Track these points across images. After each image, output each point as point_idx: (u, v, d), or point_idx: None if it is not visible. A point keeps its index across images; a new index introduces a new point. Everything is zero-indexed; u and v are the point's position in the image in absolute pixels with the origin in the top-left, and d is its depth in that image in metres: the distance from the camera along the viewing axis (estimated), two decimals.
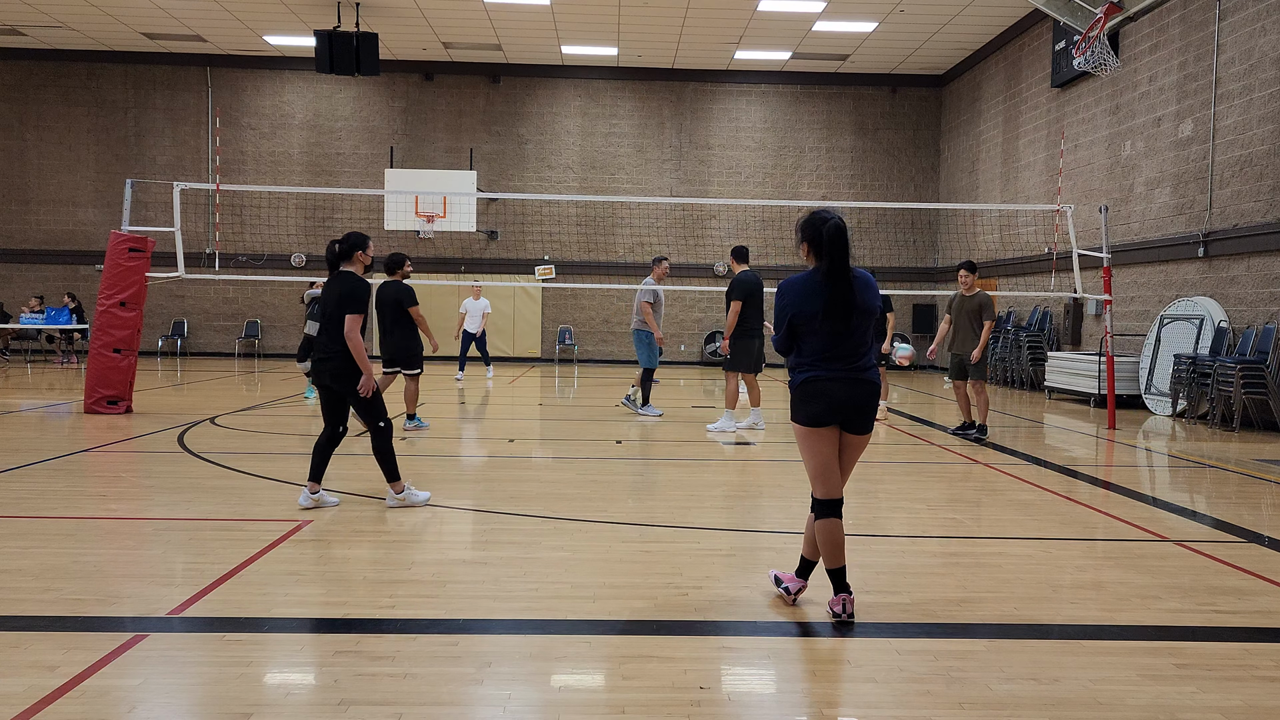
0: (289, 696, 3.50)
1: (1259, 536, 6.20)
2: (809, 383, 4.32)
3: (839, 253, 4.23)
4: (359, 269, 6.45)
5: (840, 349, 4.29)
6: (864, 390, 4.31)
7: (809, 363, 4.35)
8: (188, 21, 20.59)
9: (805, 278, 4.35)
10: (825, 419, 4.31)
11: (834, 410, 4.30)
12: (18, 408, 12.54)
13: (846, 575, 4.37)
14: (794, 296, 4.32)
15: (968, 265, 10.55)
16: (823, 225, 4.25)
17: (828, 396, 4.28)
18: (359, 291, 6.28)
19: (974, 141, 22.14)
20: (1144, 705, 3.49)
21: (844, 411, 4.30)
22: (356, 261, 6.43)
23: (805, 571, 4.60)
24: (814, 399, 4.31)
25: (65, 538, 5.64)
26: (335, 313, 6.26)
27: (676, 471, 8.26)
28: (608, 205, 23.47)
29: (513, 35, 21.17)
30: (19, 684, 3.47)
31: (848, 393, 4.28)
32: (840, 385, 4.28)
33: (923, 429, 11.72)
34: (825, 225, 4.24)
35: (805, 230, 4.35)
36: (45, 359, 22.01)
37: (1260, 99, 12.36)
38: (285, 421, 11.23)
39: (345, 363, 6.27)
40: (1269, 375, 11.59)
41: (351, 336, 6.21)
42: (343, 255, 6.41)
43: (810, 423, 4.33)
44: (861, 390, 4.30)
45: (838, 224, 4.24)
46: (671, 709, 3.39)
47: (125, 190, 12.40)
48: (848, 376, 4.28)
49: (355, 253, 6.43)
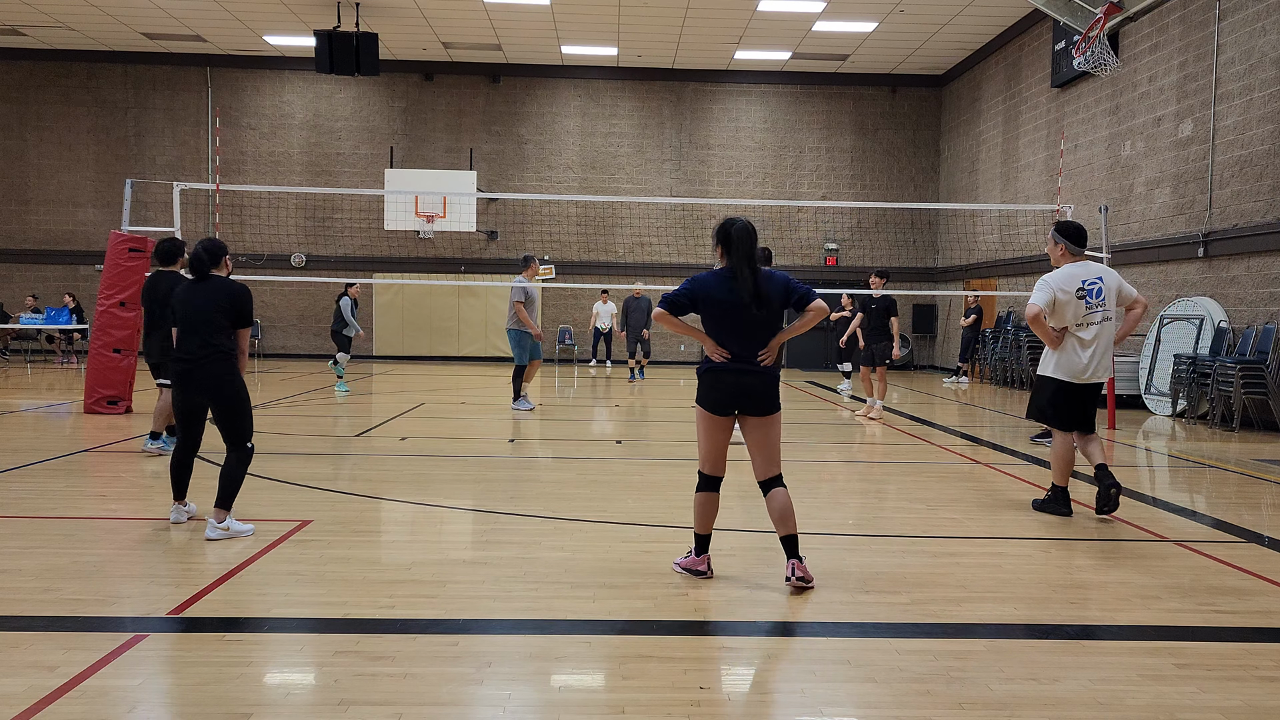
0: (289, 696, 3.50)
1: (1259, 536, 6.20)
2: (711, 373, 4.86)
3: (746, 248, 4.75)
4: (225, 272, 6.02)
5: (739, 340, 4.79)
6: (757, 379, 4.80)
7: None
8: (188, 21, 20.59)
9: (717, 272, 4.86)
10: (724, 407, 4.83)
11: (732, 398, 4.81)
12: (18, 408, 12.54)
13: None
14: (705, 285, 4.83)
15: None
16: (731, 227, 4.80)
17: (726, 386, 4.80)
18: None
19: (974, 141, 22.14)
20: (1144, 705, 3.49)
21: (740, 399, 4.81)
22: (224, 266, 6.02)
23: (703, 547, 5.04)
24: (714, 388, 4.83)
25: (65, 538, 5.64)
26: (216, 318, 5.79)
27: (676, 471, 8.25)
28: (607, 205, 23.46)
29: (513, 35, 21.17)
30: (19, 684, 3.47)
31: (743, 382, 4.79)
32: (736, 375, 4.80)
33: (923, 429, 11.72)
34: (734, 226, 4.79)
35: (718, 234, 4.85)
36: (45, 359, 22.01)
37: (1260, 99, 12.36)
38: (285, 421, 11.23)
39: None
40: (1269, 375, 11.59)
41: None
42: (213, 261, 5.93)
43: (711, 409, 4.85)
44: (754, 379, 4.80)
45: (744, 224, 4.80)
46: (671, 709, 3.39)
47: (125, 190, 12.41)
48: (742, 368, 4.79)
49: (222, 258, 6.00)
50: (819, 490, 7.81)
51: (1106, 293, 6.49)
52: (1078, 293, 6.45)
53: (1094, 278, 6.50)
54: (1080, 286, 6.46)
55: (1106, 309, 6.48)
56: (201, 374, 5.68)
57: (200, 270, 5.86)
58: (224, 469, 5.70)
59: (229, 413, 5.74)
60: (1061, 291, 6.46)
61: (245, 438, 5.77)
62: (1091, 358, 6.48)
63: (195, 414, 5.84)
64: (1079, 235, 6.59)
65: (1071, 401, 6.62)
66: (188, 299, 5.81)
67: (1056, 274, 6.58)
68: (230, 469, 5.70)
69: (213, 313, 5.73)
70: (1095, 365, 6.50)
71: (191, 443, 5.91)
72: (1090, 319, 6.46)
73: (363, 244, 23.62)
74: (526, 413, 12.49)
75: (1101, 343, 6.50)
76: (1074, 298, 6.45)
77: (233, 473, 5.69)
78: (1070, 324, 6.49)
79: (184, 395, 5.76)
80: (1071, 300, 6.45)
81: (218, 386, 5.71)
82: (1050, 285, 6.51)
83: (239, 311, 5.81)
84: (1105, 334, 6.50)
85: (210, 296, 5.78)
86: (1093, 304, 6.46)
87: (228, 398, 5.73)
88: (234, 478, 5.70)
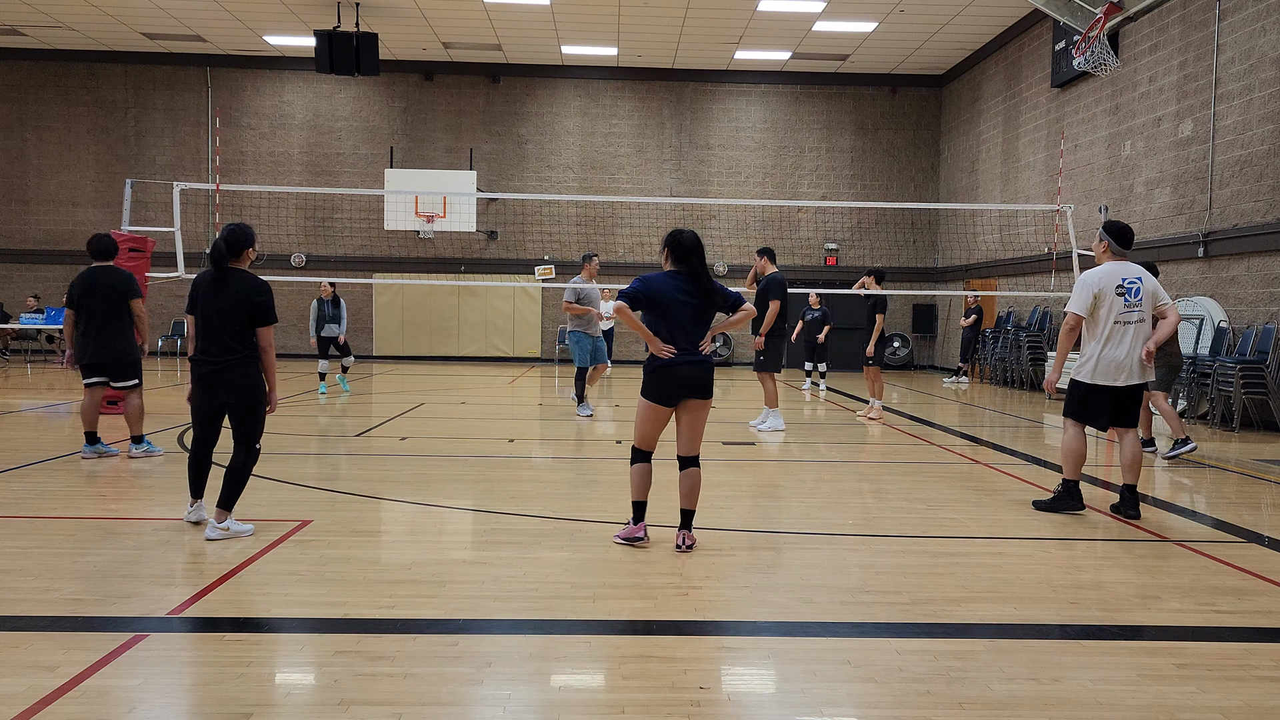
0: (289, 696, 3.50)
1: (1259, 536, 6.20)
2: (662, 369, 5.46)
3: (701, 254, 5.53)
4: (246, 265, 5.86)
5: (685, 332, 5.44)
6: (700, 368, 5.48)
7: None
8: (188, 21, 20.59)
9: (666, 273, 5.58)
10: (672, 399, 5.50)
11: (682, 388, 5.47)
12: (18, 408, 12.54)
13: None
14: (659, 283, 5.51)
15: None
16: (681, 235, 5.56)
17: (676, 378, 5.45)
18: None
19: (974, 141, 22.14)
20: (1144, 705, 3.49)
21: (688, 387, 5.47)
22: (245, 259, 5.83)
23: (639, 515, 5.65)
24: (666, 383, 5.46)
25: (65, 538, 5.64)
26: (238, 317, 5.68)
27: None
28: (608, 205, 23.46)
29: (513, 35, 21.17)
30: (19, 684, 3.47)
31: (691, 372, 5.45)
32: (685, 367, 5.44)
33: (923, 429, 11.72)
34: (682, 235, 5.56)
35: (668, 241, 5.61)
36: (45, 359, 22.02)
37: (1260, 99, 12.36)
38: (285, 421, 11.22)
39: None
40: (1269, 375, 11.59)
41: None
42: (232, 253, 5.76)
43: (659, 401, 5.50)
44: (698, 368, 5.48)
45: (691, 234, 5.58)
46: (671, 709, 3.39)
47: (125, 190, 12.42)
48: (690, 359, 5.44)
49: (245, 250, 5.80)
50: (819, 490, 7.81)
51: (1144, 294, 6.54)
52: (1117, 289, 6.51)
53: (1135, 277, 6.57)
54: (1120, 284, 6.52)
55: (1142, 310, 6.53)
56: (224, 378, 5.62)
57: (219, 263, 5.71)
58: (230, 468, 5.68)
59: (246, 413, 5.70)
60: (1101, 286, 6.52)
61: (255, 438, 5.75)
62: (1129, 358, 6.49)
63: (215, 415, 5.78)
64: (1124, 235, 6.67)
65: (1110, 401, 6.61)
66: (208, 299, 5.68)
67: (1098, 271, 6.65)
68: (236, 468, 5.67)
69: (230, 315, 5.62)
70: (1131, 366, 6.50)
71: (208, 442, 5.85)
72: (1127, 318, 6.50)
73: (363, 244, 23.62)
74: (585, 418, 12.04)
75: (1138, 343, 6.51)
76: (1114, 294, 6.50)
77: (239, 472, 5.67)
78: (1106, 323, 6.51)
79: (205, 397, 5.70)
80: (1110, 296, 6.50)
81: (240, 390, 5.65)
82: (1089, 284, 6.57)
83: (257, 310, 5.67)
84: (1140, 335, 6.52)
85: (231, 298, 5.64)
86: (1130, 302, 6.51)
87: (248, 400, 5.68)
88: (240, 478, 5.67)
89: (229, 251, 5.72)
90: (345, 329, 14.76)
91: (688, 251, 5.51)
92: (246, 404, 5.69)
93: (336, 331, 14.61)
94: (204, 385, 5.68)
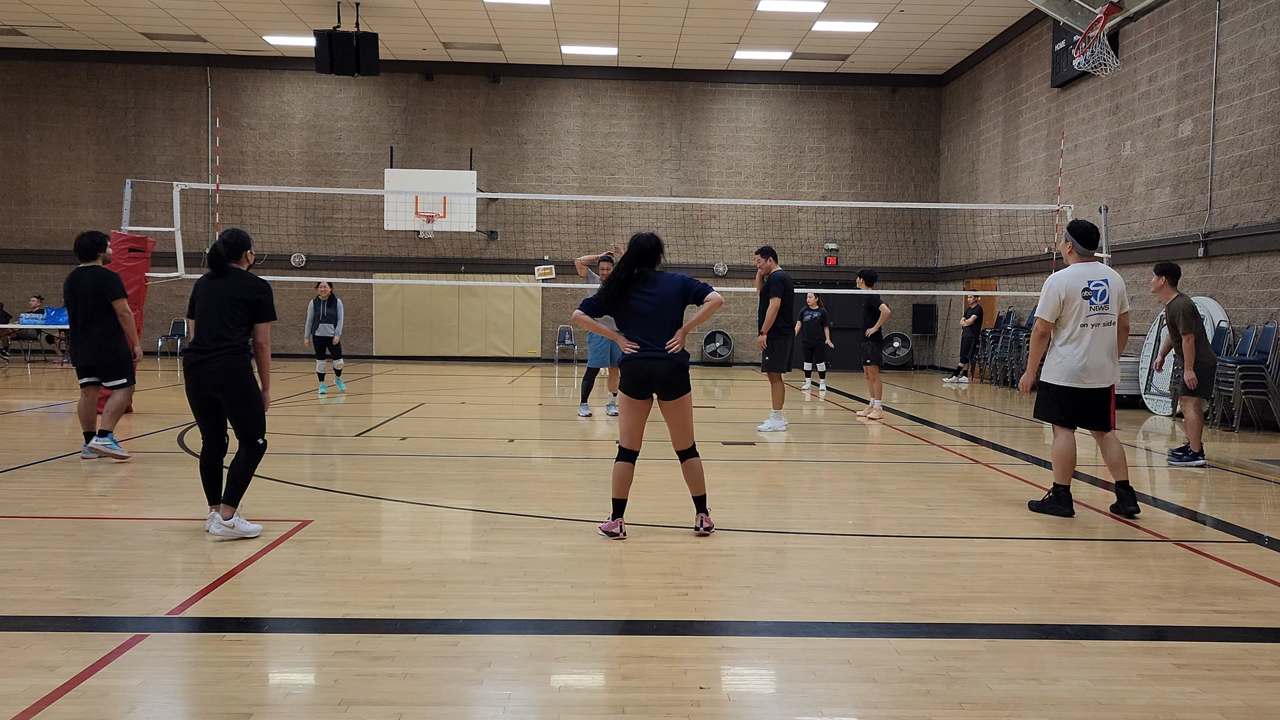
0: (289, 696, 3.50)
1: (1259, 536, 6.20)
2: (627, 362, 5.74)
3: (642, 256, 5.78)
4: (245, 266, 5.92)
5: (641, 331, 5.70)
6: (663, 364, 5.67)
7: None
8: (188, 21, 20.59)
9: None
10: (640, 391, 5.73)
11: (645, 382, 5.69)
12: (18, 408, 12.54)
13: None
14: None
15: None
16: (638, 239, 5.86)
17: (642, 372, 5.68)
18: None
19: (974, 141, 22.14)
20: (1144, 705, 3.49)
21: (653, 383, 5.69)
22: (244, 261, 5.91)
23: (618, 511, 5.84)
24: (630, 375, 5.71)
25: (65, 538, 5.64)
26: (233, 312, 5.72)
27: (676, 471, 8.23)
28: (608, 205, 23.46)
29: (513, 35, 21.17)
30: (19, 684, 3.47)
31: (654, 367, 5.67)
32: (649, 362, 5.67)
33: (923, 429, 11.72)
34: (640, 238, 5.86)
35: (631, 245, 5.86)
36: (45, 359, 22.01)
37: (1260, 99, 12.36)
38: (285, 421, 11.22)
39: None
40: (1269, 375, 11.59)
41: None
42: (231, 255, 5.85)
43: (630, 393, 5.74)
44: (661, 365, 5.67)
45: (649, 237, 5.87)
46: (671, 709, 3.39)
47: (125, 190, 12.42)
48: (652, 355, 5.68)
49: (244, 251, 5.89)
50: (819, 490, 7.81)
51: (1111, 296, 6.51)
52: (1083, 292, 6.47)
53: (1100, 279, 6.52)
54: (1087, 286, 6.49)
55: (1108, 313, 6.50)
56: (210, 367, 5.61)
57: (218, 265, 5.77)
58: (233, 465, 5.68)
59: (236, 406, 5.68)
60: (1068, 290, 6.49)
61: (256, 434, 5.73)
62: (1091, 360, 6.48)
63: (207, 408, 5.76)
64: (1087, 235, 6.61)
65: (1078, 403, 6.63)
66: (205, 293, 5.75)
67: (1064, 274, 6.61)
68: (239, 465, 5.67)
69: (228, 306, 5.65)
70: (1096, 368, 6.50)
71: (216, 444, 5.83)
72: (1093, 320, 6.47)
73: (363, 244, 23.62)
74: (585, 418, 11.98)
75: (1101, 346, 6.50)
76: (1079, 297, 6.47)
77: (242, 468, 5.66)
78: (1073, 325, 6.50)
79: (194, 388, 5.71)
80: (1077, 299, 6.47)
81: (225, 380, 5.62)
82: (1054, 288, 6.55)
83: (257, 305, 5.71)
84: (1105, 338, 6.50)
85: (227, 290, 5.70)
86: (1096, 305, 6.47)
87: (235, 391, 5.66)
88: (243, 473, 5.65)
89: (228, 254, 5.79)
90: (341, 330, 14.69)
91: (644, 253, 5.80)
92: (234, 396, 5.65)
93: (332, 332, 14.54)
94: (193, 375, 5.68)
